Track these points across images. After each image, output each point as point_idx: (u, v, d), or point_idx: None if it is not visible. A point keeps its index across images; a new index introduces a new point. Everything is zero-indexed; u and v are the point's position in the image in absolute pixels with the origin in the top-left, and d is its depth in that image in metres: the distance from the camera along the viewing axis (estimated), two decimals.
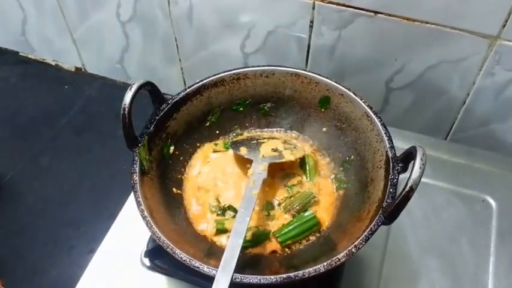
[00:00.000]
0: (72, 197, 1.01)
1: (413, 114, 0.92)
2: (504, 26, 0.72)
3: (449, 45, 0.77)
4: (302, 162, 0.69)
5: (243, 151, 0.66)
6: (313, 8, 0.82)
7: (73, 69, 1.25)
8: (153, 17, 1.00)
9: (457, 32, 0.75)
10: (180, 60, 1.06)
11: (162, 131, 0.65)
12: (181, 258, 0.53)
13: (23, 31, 1.21)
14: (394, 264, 0.69)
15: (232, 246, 0.52)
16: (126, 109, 0.57)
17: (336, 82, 0.66)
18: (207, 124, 0.71)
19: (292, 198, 0.65)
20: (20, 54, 1.29)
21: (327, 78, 0.67)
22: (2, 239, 0.95)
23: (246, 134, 0.73)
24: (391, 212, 0.52)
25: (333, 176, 0.68)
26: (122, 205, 0.76)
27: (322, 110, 0.69)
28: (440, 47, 0.78)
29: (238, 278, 0.50)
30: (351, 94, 0.65)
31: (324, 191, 0.67)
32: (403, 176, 0.55)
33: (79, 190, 1.02)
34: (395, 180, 0.56)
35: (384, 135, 0.60)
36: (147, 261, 0.69)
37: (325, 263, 0.51)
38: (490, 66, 0.77)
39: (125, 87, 0.57)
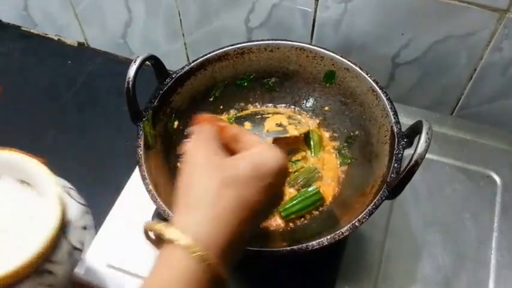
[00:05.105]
0: (76, 173, 1.02)
1: (419, 90, 0.91)
2: None
3: (457, 19, 0.76)
4: (306, 138, 0.69)
5: (247, 126, 0.66)
6: None
7: (76, 44, 1.24)
8: None
9: (466, 5, 0.73)
10: (183, 35, 1.05)
11: (167, 105, 0.65)
12: None
13: (25, 5, 1.19)
14: (397, 240, 0.69)
15: None
16: (131, 83, 0.56)
17: (341, 56, 0.66)
18: (211, 99, 0.71)
19: (296, 173, 0.65)
20: (22, 28, 1.28)
21: (332, 52, 0.66)
22: None
23: (250, 109, 0.73)
24: (395, 187, 0.52)
25: (337, 151, 0.68)
26: (126, 181, 0.76)
27: (327, 85, 0.69)
28: (448, 21, 0.77)
29: None
30: (357, 68, 0.64)
31: (328, 166, 0.67)
32: (407, 152, 0.55)
33: (83, 166, 1.03)
34: (400, 155, 0.56)
35: (390, 110, 0.60)
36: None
37: (328, 237, 0.51)
38: (499, 41, 0.76)
39: (128, 62, 0.57)
